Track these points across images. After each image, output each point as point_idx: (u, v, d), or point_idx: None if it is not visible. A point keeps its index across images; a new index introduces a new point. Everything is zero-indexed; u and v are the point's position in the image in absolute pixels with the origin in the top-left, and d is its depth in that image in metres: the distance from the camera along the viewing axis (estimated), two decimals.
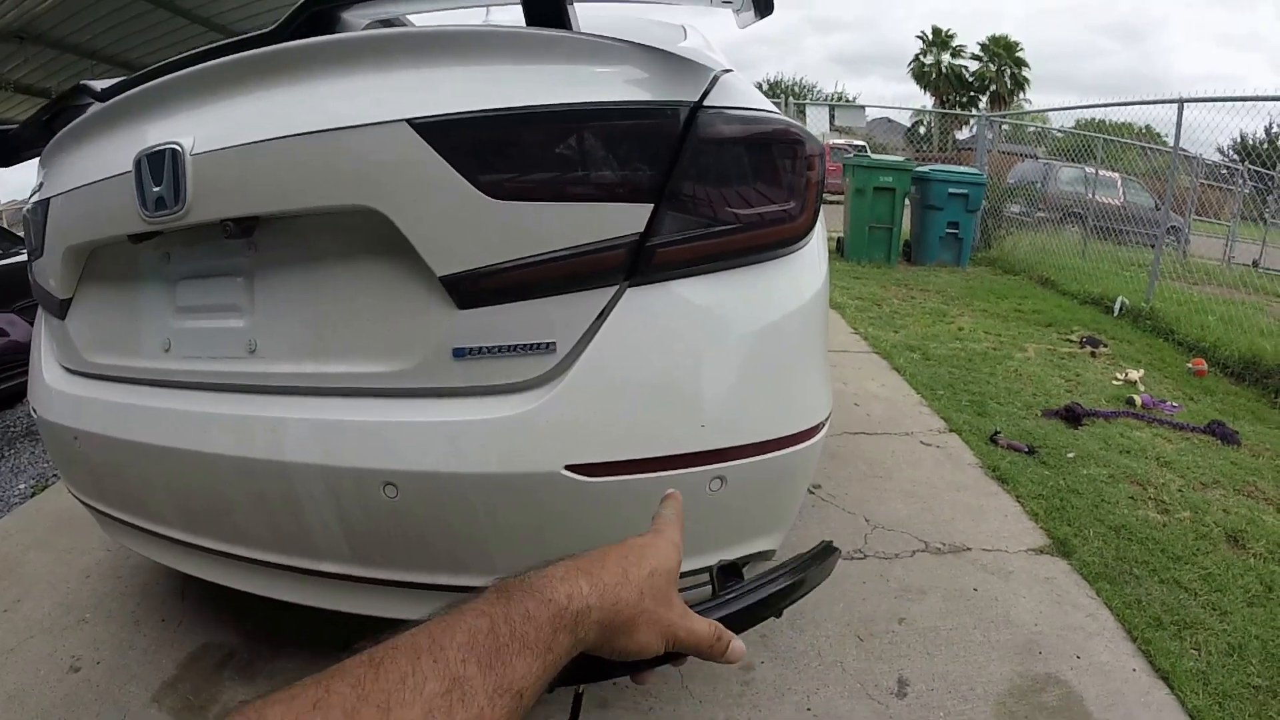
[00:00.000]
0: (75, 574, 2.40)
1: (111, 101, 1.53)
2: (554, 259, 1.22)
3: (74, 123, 1.63)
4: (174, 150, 1.33)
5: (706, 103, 1.27)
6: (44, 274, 1.79)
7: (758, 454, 1.34)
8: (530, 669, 0.45)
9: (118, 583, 2.34)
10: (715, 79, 1.30)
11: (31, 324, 2.05)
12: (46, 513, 2.93)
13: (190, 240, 1.50)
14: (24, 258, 2.12)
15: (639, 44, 1.28)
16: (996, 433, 3.55)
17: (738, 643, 0.60)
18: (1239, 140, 10.71)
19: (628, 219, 1.23)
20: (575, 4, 1.32)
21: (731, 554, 1.43)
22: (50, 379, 1.79)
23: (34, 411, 1.85)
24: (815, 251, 1.51)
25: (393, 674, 0.40)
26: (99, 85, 1.65)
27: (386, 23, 1.69)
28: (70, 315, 1.74)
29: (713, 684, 1.85)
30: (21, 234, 7.21)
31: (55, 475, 3.48)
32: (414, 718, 0.38)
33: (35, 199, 1.78)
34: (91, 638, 2.06)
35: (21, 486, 3.44)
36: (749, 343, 1.35)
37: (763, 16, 1.24)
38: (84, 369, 1.73)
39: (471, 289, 1.24)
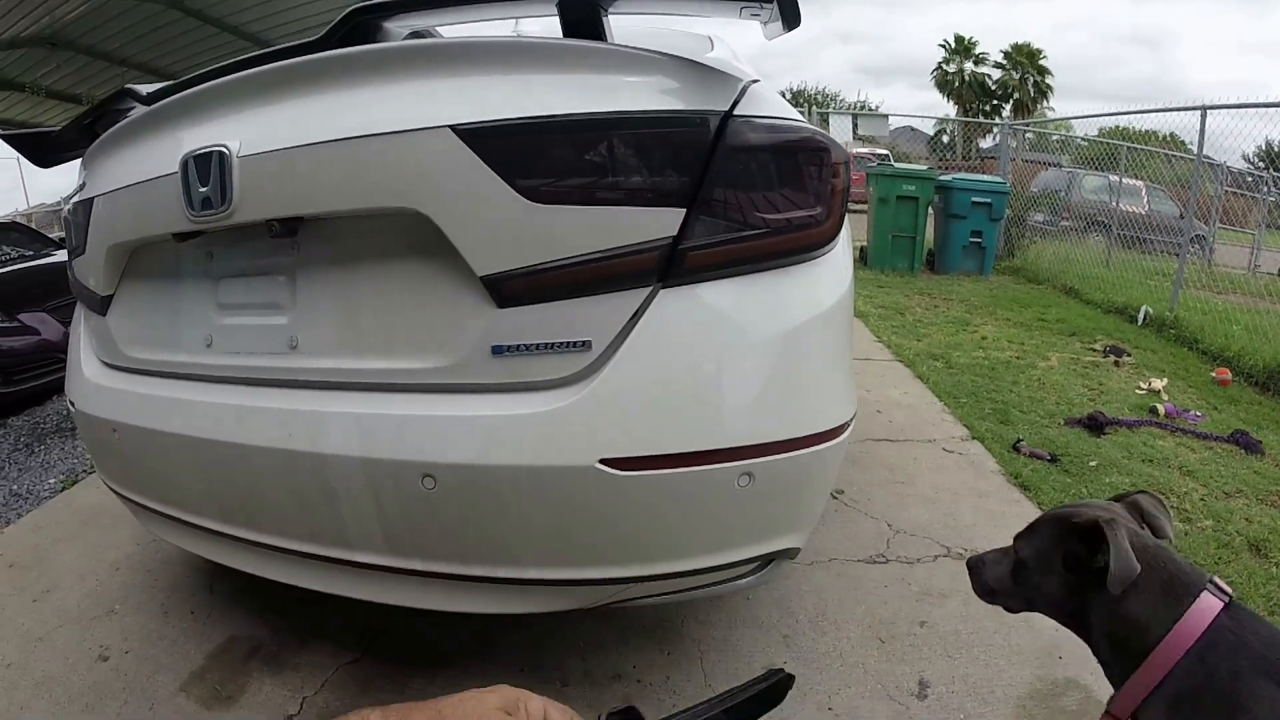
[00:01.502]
0: (104, 567, 2.45)
1: (158, 105, 1.57)
2: (591, 261, 1.26)
3: (119, 125, 1.67)
4: (221, 152, 1.37)
5: (736, 112, 1.30)
6: (85, 271, 1.84)
7: (784, 451, 1.36)
8: None
9: (147, 576, 2.38)
10: (744, 89, 1.33)
11: (62, 323, 2.11)
12: (76, 507, 2.99)
13: (233, 240, 1.54)
14: (55, 259, 2.18)
15: (671, 55, 1.31)
16: (1019, 440, 3.54)
17: None
18: (1264, 147, 10.61)
19: (661, 223, 1.27)
20: (610, 16, 1.36)
21: (758, 550, 1.46)
22: (90, 373, 1.84)
23: (72, 405, 1.89)
24: (840, 257, 1.54)
25: None
26: (144, 89, 1.70)
27: (417, 34, 1.73)
28: (111, 311, 1.79)
29: (734, 683, 1.86)
30: (52, 236, 7.37)
31: (85, 471, 3.55)
32: None
33: (78, 199, 1.82)
34: (120, 628, 2.10)
35: (51, 481, 3.51)
36: (776, 344, 1.38)
37: (791, 28, 1.27)
38: (124, 364, 1.77)
39: (511, 289, 1.28)
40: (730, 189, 1.30)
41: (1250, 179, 13.11)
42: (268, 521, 1.56)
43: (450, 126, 1.24)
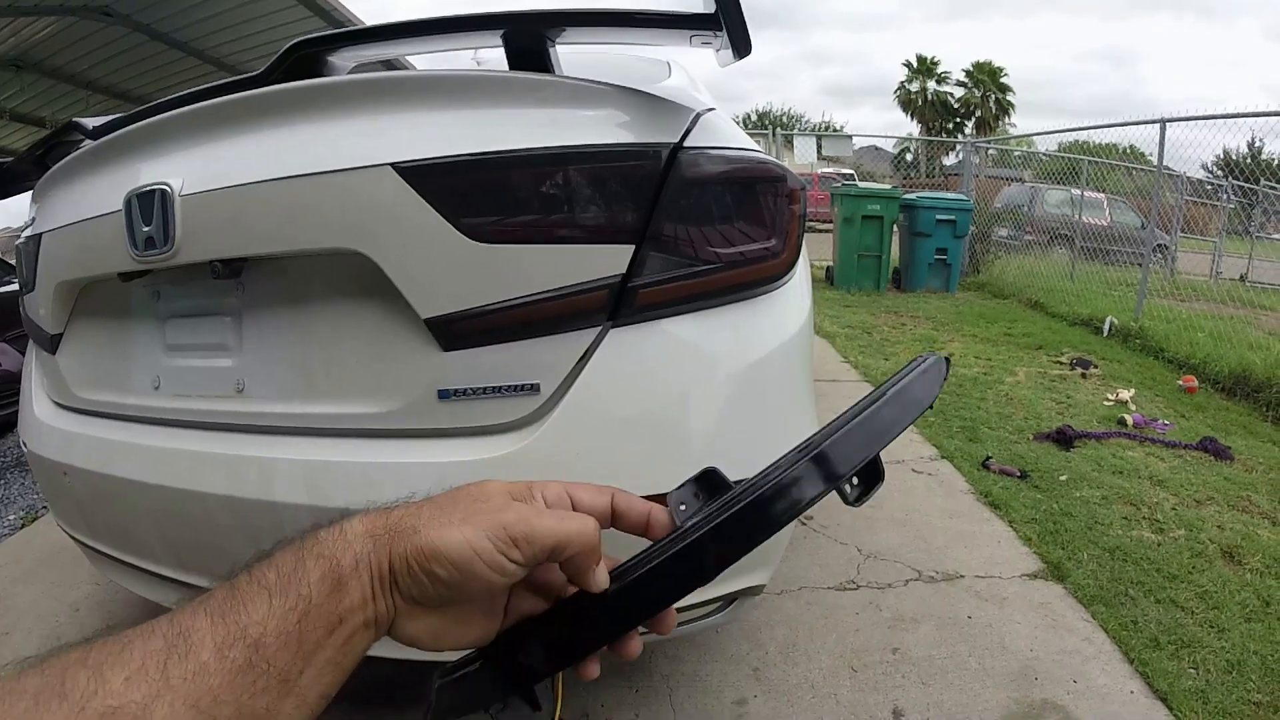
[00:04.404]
0: (64, 608, 2.38)
1: (102, 140, 1.54)
2: (537, 301, 1.22)
3: (66, 159, 1.64)
4: (163, 191, 1.33)
5: (687, 143, 1.28)
6: (35, 308, 1.80)
7: None
8: (269, 609, 0.41)
9: (107, 617, 2.32)
10: (696, 119, 1.32)
11: (23, 353, 2.07)
12: (35, 545, 2.92)
13: (179, 279, 1.50)
14: (15, 287, 2.16)
15: (621, 86, 1.29)
16: (988, 458, 3.55)
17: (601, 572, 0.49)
18: (1222, 156, 10.84)
19: (609, 260, 1.24)
20: (558, 46, 1.34)
21: (720, 590, 1.43)
22: (41, 413, 1.79)
23: (24, 445, 1.84)
24: (798, 287, 1.52)
25: (132, 636, 0.39)
26: (90, 123, 1.67)
27: (389, 64, 1.70)
28: (61, 350, 1.74)
29: (705, 718, 1.84)
30: (13, 262, 7.21)
31: (44, 507, 3.46)
32: (120, 677, 0.36)
33: (28, 234, 1.78)
34: None
35: (10, 518, 3.42)
36: (733, 381, 1.35)
37: (741, 56, 1.25)
38: (74, 404, 1.72)
39: (456, 331, 1.24)
40: (681, 223, 1.27)
41: (1210, 187, 13.40)
42: (223, 569, 1.50)
43: (391, 164, 1.21)
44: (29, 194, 1.87)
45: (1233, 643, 2.16)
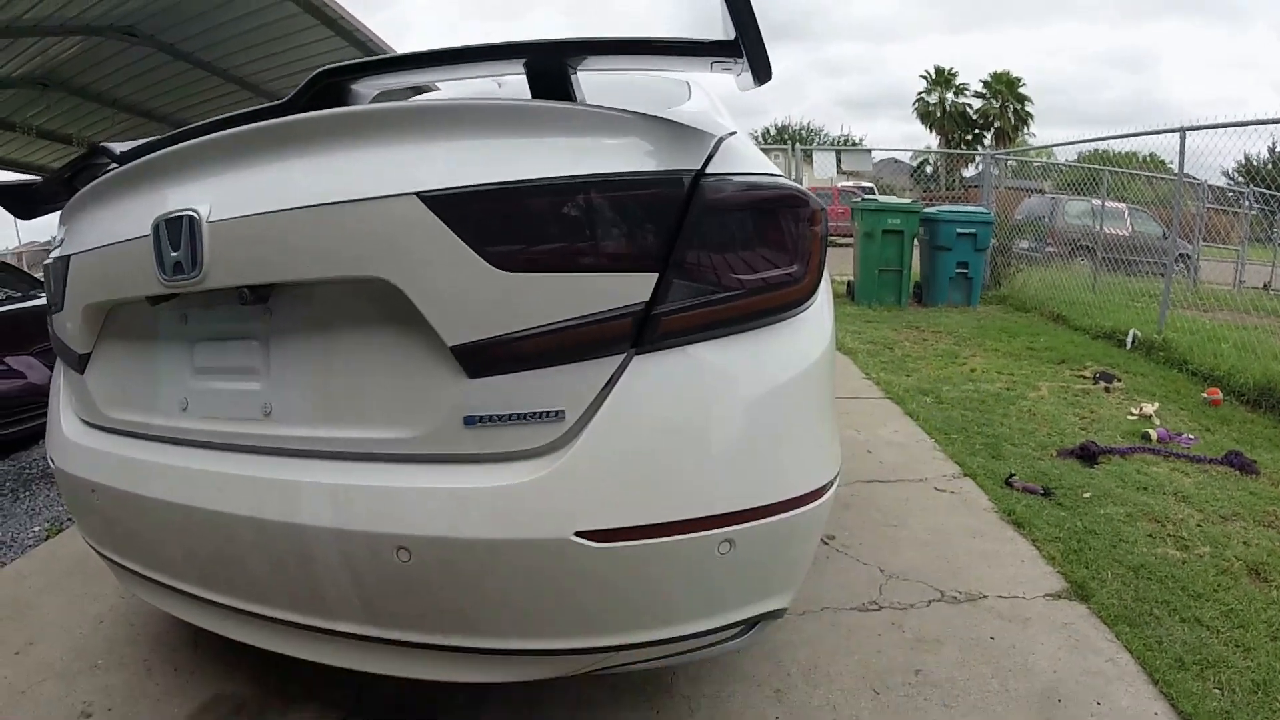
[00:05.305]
0: (88, 619, 2.41)
1: (130, 165, 1.57)
2: (561, 329, 1.24)
3: (94, 183, 1.67)
4: (191, 217, 1.36)
5: (709, 170, 1.29)
6: (63, 328, 1.83)
7: (766, 516, 1.33)
8: None
9: (130, 630, 2.34)
10: (718, 145, 1.33)
11: (49, 367, 2.13)
12: (60, 556, 2.94)
13: (208, 303, 1.53)
14: (43, 301, 2.21)
15: (642, 114, 1.30)
16: (1011, 475, 3.51)
17: None
18: (1244, 162, 10.69)
19: (633, 288, 1.25)
20: (579, 74, 1.36)
21: (741, 615, 1.43)
22: (69, 431, 1.82)
23: (52, 461, 1.87)
24: (820, 311, 1.52)
25: None
26: (119, 148, 1.70)
27: (417, 90, 1.72)
28: (89, 370, 1.77)
29: None
30: (40, 275, 7.33)
31: (69, 519, 3.50)
32: None
33: (56, 254, 1.82)
34: (103, 684, 2.06)
35: (36, 529, 3.46)
36: (755, 407, 1.35)
37: (761, 83, 1.26)
38: (102, 423, 1.75)
39: (481, 358, 1.25)
40: (704, 250, 1.28)
41: (1231, 195, 13.24)
42: (247, 589, 1.53)
43: (417, 194, 1.23)
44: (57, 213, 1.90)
45: (1259, 662, 2.12)
